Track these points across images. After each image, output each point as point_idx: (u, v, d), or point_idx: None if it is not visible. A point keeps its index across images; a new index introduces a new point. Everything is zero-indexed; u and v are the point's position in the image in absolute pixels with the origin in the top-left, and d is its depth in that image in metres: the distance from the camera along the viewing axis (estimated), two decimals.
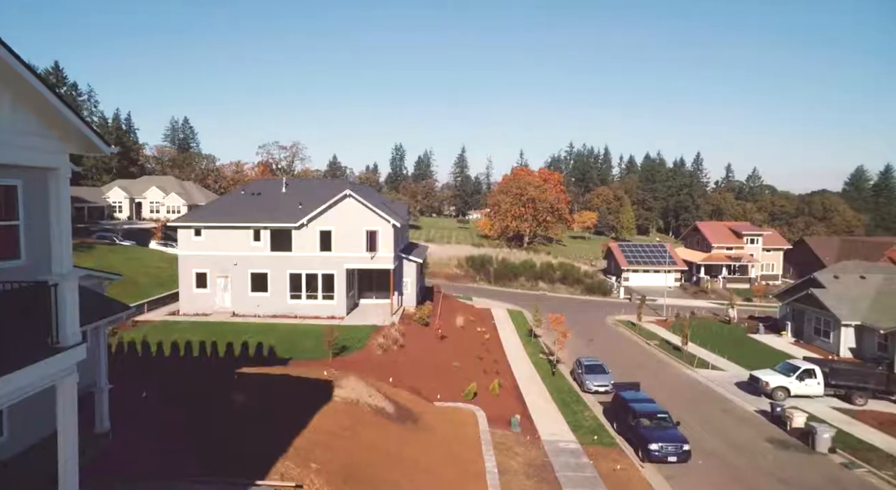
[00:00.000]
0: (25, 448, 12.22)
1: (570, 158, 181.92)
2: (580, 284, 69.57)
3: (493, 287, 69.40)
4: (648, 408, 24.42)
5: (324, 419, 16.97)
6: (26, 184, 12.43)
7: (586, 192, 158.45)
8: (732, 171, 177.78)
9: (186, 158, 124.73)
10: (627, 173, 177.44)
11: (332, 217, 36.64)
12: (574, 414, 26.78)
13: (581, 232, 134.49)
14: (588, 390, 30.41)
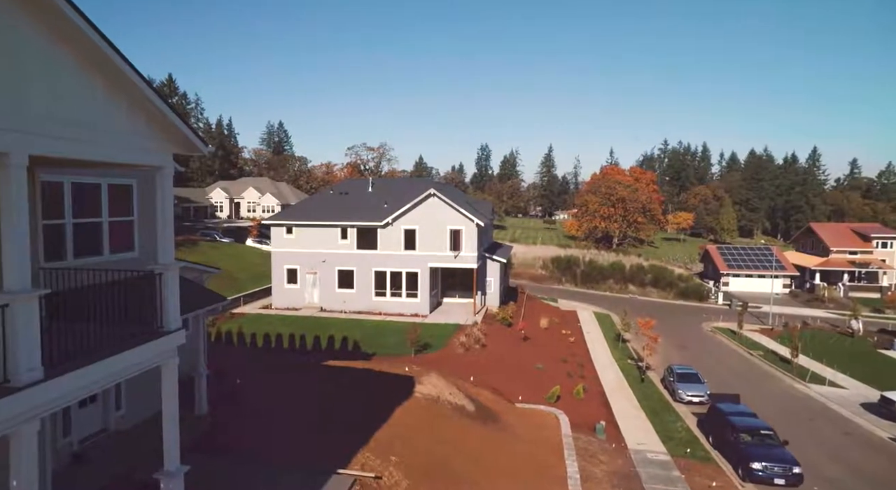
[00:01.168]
0: (139, 422, 13.54)
1: (665, 156, 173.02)
2: (673, 288, 66.04)
3: (580, 289, 67.64)
4: (750, 422, 22.65)
5: (404, 414, 17.32)
6: (139, 183, 13.77)
7: (682, 192, 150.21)
8: (859, 167, 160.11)
9: (281, 160, 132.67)
10: (728, 171, 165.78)
11: (417, 216, 37.36)
12: (664, 424, 25.44)
13: (675, 233, 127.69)
14: (680, 400, 28.77)
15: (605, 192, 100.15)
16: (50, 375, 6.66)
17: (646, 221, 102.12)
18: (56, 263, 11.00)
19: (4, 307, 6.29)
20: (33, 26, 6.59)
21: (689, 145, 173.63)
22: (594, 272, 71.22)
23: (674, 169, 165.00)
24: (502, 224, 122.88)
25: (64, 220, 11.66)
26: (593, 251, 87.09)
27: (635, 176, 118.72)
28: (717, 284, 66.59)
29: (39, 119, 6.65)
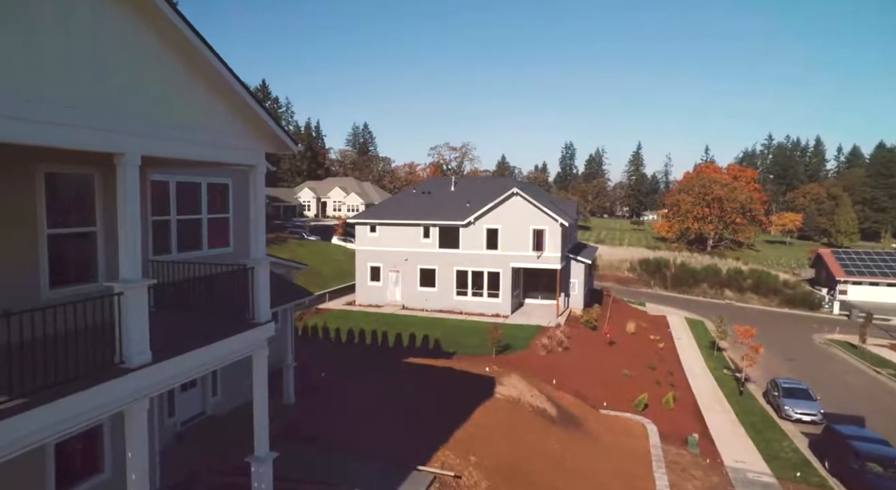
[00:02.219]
0: (232, 408, 14.50)
1: (769, 152, 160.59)
2: (778, 295, 61.17)
3: (670, 293, 64.45)
4: (880, 451, 20.14)
5: (484, 414, 17.28)
6: (234, 183, 14.72)
7: (788, 191, 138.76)
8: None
9: (365, 161, 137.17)
10: (848, 167, 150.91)
11: (499, 215, 37.20)
12: (768, 442, 23.60)
13: (779, 236, 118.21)
14: (787, 417, 26.52)
15: (699, 191, 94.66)
16: (157, 359, 7.23)
17: (745, 223, 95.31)
18: (162, 257, 12.01)
19: (119, 295, 6.90)
20: (150, 37, 7.20)
21: (799, 140, 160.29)
22: (686, 276, 67.58)
23: (779, 166, 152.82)
24: (587, 224, 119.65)
25: (169, 216, 12.70)
26: (685, 253, 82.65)
27: (733, 174, 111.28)
28: (831, 292, 60.83)
29: (151, 122, 7.25)
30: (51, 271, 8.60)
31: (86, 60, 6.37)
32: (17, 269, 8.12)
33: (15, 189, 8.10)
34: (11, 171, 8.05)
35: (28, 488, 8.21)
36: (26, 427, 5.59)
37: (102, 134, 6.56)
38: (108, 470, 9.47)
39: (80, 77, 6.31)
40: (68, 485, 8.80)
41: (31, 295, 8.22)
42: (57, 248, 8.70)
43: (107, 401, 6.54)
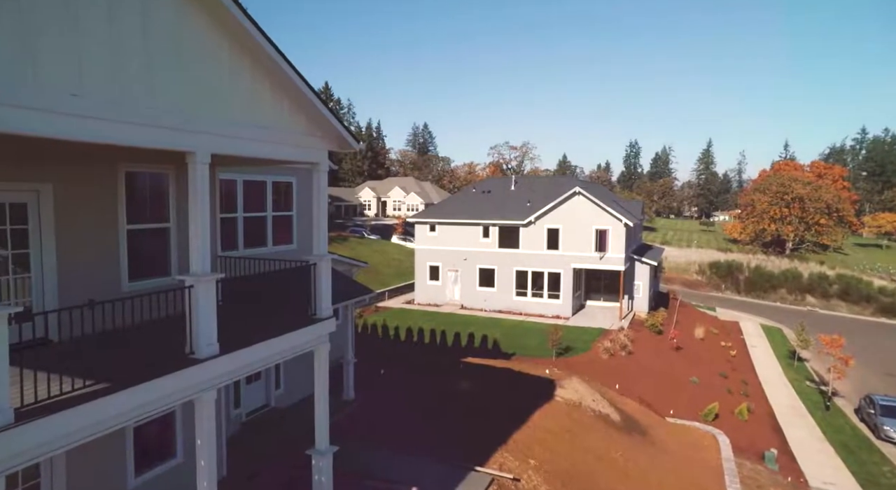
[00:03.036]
0: (294, 402, 14.95)
1: (861, 147, 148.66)
2: (872, 303, 56.64)
3: (743, 298, 61.24)
4: None
5: (544, 417, 16.98)
6: (298, 181, 15.15)
7: (886, 189, 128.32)
8: None
9: (425, 161, 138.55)
10: None
11: (560, 215, 36.59)
12: (863, 464, 21.82)
13: (874, 238, 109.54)
14: (887, 438, 24.26)
15: (777, 190, 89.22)
16: (224, 351, 7.53)
17: (831, 224, 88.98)
18: (229, 252, 12.52)
19: (190, 288, 7.23)
20: (221, 37, 7.50)
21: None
22: (761, 280, 63.95)
23: (874, 162, 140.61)
24: (652, 225, 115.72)
25: (236, 213, 13.22)
26: (760, 256, 78.24)
27: (817, 172, 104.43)
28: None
29: (220, 120, 7.55)
30: (129, 265, 9.14)
31: (163, 61, 6.70)
32: (101, 263, 8.67)
33: (100, 187, 8.66)
34: (98, 171, 8.62)
35: (111, 468, 8.76)
36: (108, 410, 5.94)
37: (177, 133, 6.88)
38: (180, 455, 9.97)
39: (159, 78, 6.64)
40: (145, 466, 9.34)
41: (112, 287, 8.76)
42: (134, 244, 9.23)
43: (178, 389, 6.86)
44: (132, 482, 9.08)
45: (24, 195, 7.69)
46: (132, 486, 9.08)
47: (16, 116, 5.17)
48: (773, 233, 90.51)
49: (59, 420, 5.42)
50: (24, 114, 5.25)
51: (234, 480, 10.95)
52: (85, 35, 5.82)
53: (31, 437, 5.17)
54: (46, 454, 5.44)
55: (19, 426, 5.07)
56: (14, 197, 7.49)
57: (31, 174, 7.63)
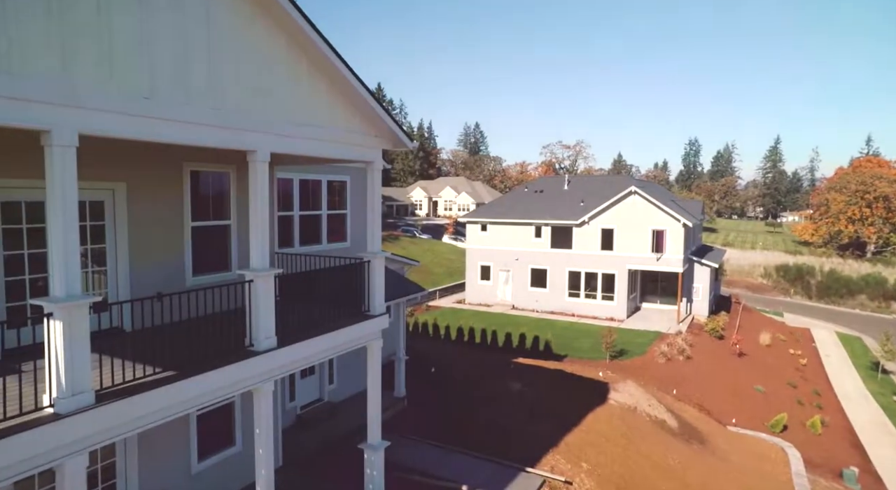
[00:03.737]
0: (346, 397, 15.31)
1: None
2: None
3: (815, 303, 58.00)
4: None
5: (597, 420, 16.69)
6: (352, 180, 15.50)
7: None
8: None
9: (476, 160, 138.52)
10: None
11: (615, 215, 35.86)
12: None
13: None
14: None
15: (857, 189, 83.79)
16: (281, 344, 7.82)
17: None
18: (286, 249, 12.96)
19: (250, 282, 7.55)
20: (280, 39, 7.80)
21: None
22: (837, 285, 60.25)
23: None
24: (712, 226, 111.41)
25: (292, 211, 13.66)
26: (835, 259, 73.92)
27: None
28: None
29: (279, 120, 7.85)
30: (193, 260, 9.62)
31: (225, 63, 7.03)
32: (168, 258, 9.18)
33: (168, 186, 9.17)
34: (165, 171, 9.12)
35: (177, 453, 9.26)
36: (176, 396, 6.29)
37: (239, 133, 7.21)
38: (239, 444, 10.41)
39: (222, 80, 6.98)
40: (207, 453, 9.82)
41: (177, 281, 9.26)
42: (198, 240, 9.71)
43: (239, 380, 7.18)
44: (196, 467, 9.56)
45: (102, 193, 8.24)
46: (196, 471, 9.56)
47: (98, 119, 5.56)
48: (851, 235, 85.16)
49: (134, 403, 5.79)
50: (104, 116, 5.63)
51: (289, 470, 11.32)
52: (155, 41, 6.19)
53: (109, 418, 5.55)
54: (122, 435, 5.83)
55: (100, 407, 5.46)
56: (93, 195, 8.03)
57: (107, 174, 8.16)
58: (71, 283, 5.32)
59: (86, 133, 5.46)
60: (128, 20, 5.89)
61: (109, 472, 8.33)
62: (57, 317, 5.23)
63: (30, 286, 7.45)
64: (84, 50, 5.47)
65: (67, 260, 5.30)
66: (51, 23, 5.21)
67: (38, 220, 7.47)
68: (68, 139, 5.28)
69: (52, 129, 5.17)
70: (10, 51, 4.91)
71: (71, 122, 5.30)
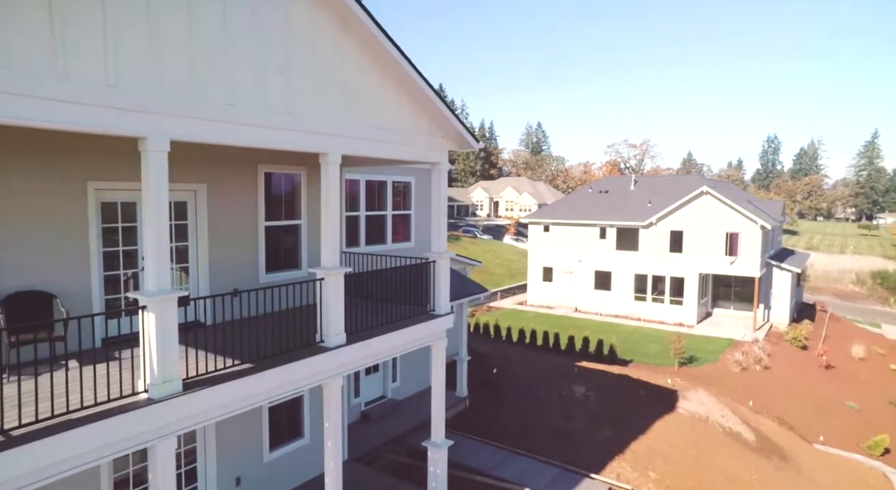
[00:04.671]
0: (409, 395, 15.63)
1: None
2: None
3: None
4: None
5: (665, 429, 16.22)
6: (416, 181, 15.80)
7: None
8: None
9: (538, 160, 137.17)
10: None
11: (685, 216, 34.63)
12: None
13: None
14: None
15: None
16: (350, 341, 8.12)
17: None
18: (352, 249, 13.38)
19: (321, 281, 7.89)
20: (350, 43, 8.12)
21: None
22: None
23: None
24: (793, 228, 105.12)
25: (359, 212, 14.08)
26: None
27: None
28: None
29: (350, 123, 8.17)
30: (266, 258, 10.13)
31: (300, 69, 7.40)
32: (243, 256, 9.72)
33: (243, 187, 9.71)
34: (241, 172, 9.67)
35: (250, 442, 9.80)
36: (252, 388, 6.68)
37: (312, 136, 7.56)
38: (307, 437, 10.88)
39: (296, 85, 7.35)
40: (278, 443, 10.33)
41: (251, 278, 9.79)
42: (270, 239, 10.23)
43: (310, 374, 7.53)
44: (267, 456, 10.08)
45: (185, 194, 8.85)
46: (267, 460, 10.08)
47: (187, 126, 6.02)
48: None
49: (216, 393, 6.21)
50: (193, 123, 6.08)
51: (354, 464, 11.70)
52: (238, 54, 6.61)
53: (194, 406, 5.99)
54: (205, 421, 6.26)
55: (186, 395, 5.90)
56: (178, 196, 8.64)
57: (191, 176, 8.75)
58: (162, 278, 5.77)
59: (176, 139, 5.91)
60: (214, 36, 6.32)
61: (191, 456, 8.94)
62: (150, 309, 5.69)
63: (122, 281, 8.11)
64: (176, 64, 5.93)
65: (159, 256, 5.75)
66: (150, 42, 5.69)
67: (131, 219, 8.13)
68: (161, 145, 5.73)
69: (148, 136, 5.63)
70: (116, 66, 5.39)
71: (164, 129, 5.76)
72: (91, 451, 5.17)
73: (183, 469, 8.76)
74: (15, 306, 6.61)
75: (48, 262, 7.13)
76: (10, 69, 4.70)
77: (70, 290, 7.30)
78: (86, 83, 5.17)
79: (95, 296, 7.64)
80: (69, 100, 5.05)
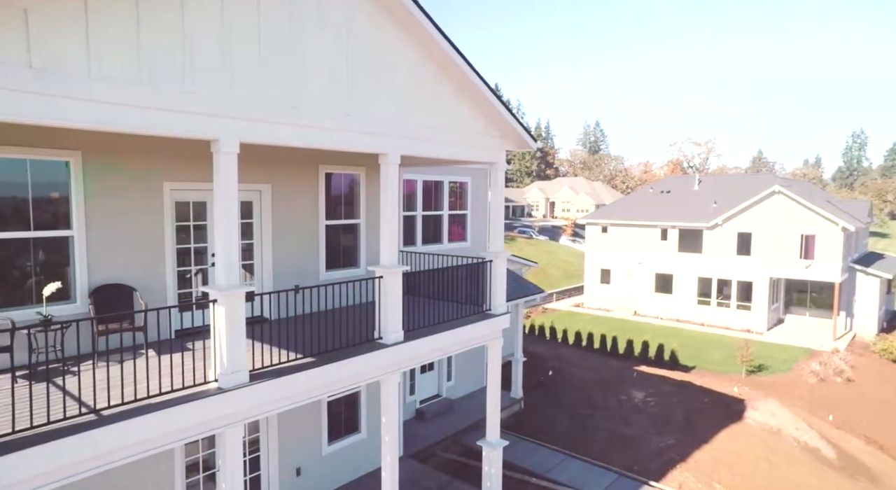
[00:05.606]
0: (463, 395, 15.77)
1: None
2: None
3: None
4: None
5: (731, 439, 15.63)
6: (472, 181, 15.92)
7: None
8: None
9: (596, 160, 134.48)
10: None
11: (754, 216, 33.17)
12: None
13: None
14: None
15: None
16: (407, 338, 8.32)
17: None
18: (409, 248, 13.64)
19: (380, 278, 8.11)
20: (409, 45, 8.32)
21: None
22: None
23: None
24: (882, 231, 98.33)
25: (415, 212, 14.33)
26: None
27: None
28: None
29: (408, 124, 8.36)
30: (326, 256, 10.49)
31: (362, 72, 7.65)
32: (304, 253, 10.11)
33: (305, 187, 10.10)
34: (303, 173, 10.07)
35: (310, 435, 10.18)
36: (313, 381, 6.96)
37: (373, 137, 7.80)
38: (364, 432, 11.18)
39: (358, 87, 7.60)
40: (336, 437, 10.69)
41: (312, 275, 10.16)
42: (330, 237, 10.58)
43: (368, 369, 7.76)
44: (325, 449, 10.44)
45: (251, 194, 9.30)
46: (325, 453, 10.44)
47: (255, 129, 6.36)
48: None
49: (280, 384, 6.52)
50: (260, 126, 6.42)
51: (409, 460, 11.92)
52: (303, 59, 6.91)
53: (260, 396, 6.31)
54: (270, 412, 6.59)
55: (253, 385, 6.23)
56: (244, 196, 9.10)
57: (257, 176, 9.20)
58: (231, 273, 6.12)
59: (245, 141, 6.25)
60: (280, 41, 6.64)
61: (254, 445, 9.39)
62: (220, 303, 6.05)
63: (191, 276, 8.62)
64: (244, 69, 6.28)
65: (229, 253, 6.11)
66: (222, 49, 6.06)
67: (201, 218, 8.63)
68: (232, 146, 6.08)
69: (220, 138, 5.99)
70: (192, 73, 5.78)
71: (234, 132, 6.11)
72: (168, 434, 5.56)
73: (247, 457, 9.21)
74: (102, 298, 7.17)
75: (130, 258, 7.68)
76: (102, 80, 5.12)
77: (148, 284, 7.83)
78: (166, 90, 5.56)
79: (170, 290, 8.16)
80: (153, 106, 5.45)
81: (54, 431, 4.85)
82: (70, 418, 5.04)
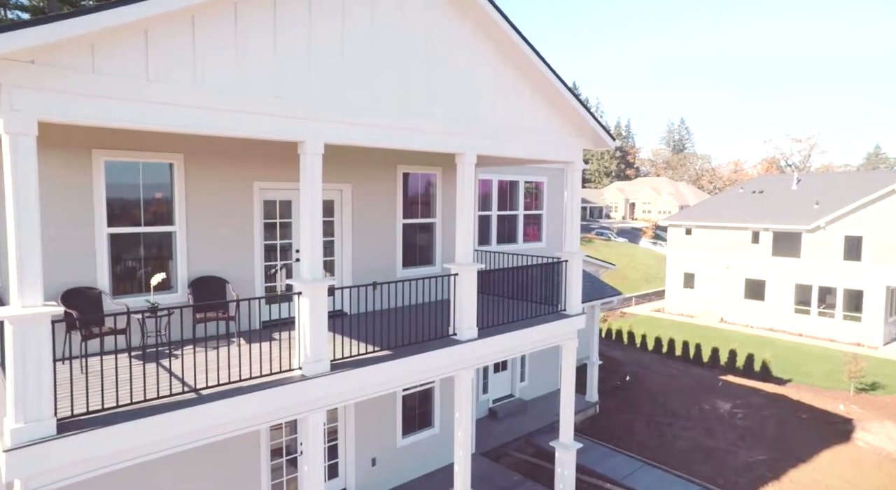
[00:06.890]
0: (536, 396, 15.74)
1: None
2: None
3: None
4: None
5: (837, 461, 14.58)
6: (548, 181, 15.85)
7: None
8: None
9: (680, 159, 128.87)
10: None
11: (867, 218, 30.62)
12: None
13: None
14: None
15: None
16: (482, 336, 8.48)
17: None
18: (484, 247, 13.79)
19: (455, 276, 8.32)
20: (487, 46, 8.48)
21: None
22: None
23: None
24: None
25: (491, 211, 14.47)
26: None
27: None
28: None
29: (485, 123, 8.52)
30: (403, 254, 10.85)
31: (439, 73, 7.88)
32: (382, 251, 10.50)
33: (383, 187, 10.50)
34: (381, 173, 10.46)
35: (385, 426, 10.57)
36: (389, 374, 7.26)
37: (449, 137, 8.02)
38: (437, 427, 11.44)
39: (435, 89, 7.84)
40: (409, 431, 11.02)
41: (389, 272, 10.54)
42: (407, 236, 10.93)
43: (443, 365, 7.98)
44: (399, 442, 10.79)
45: (333, 193, 9.79)
46: (399, 445, 10.79)
47: (337, 130, 6.73)
48: None
49: (359, 375, 6.87)
50: (342, 127, 6.79)
51: (481, 458, 12.06)
52: (381, 62, 7.22)
53: (340, 385, 6.69)
54: (349, 401, 6.95)
55: (334, 374, 6.61)
56: (326, 195, 9.60)
57: (338, 176, 9.67)
58: (315, 267, 6.52)
59: (329, 142, 6.64)
60: (362, 45, 6.99)
61: (333, 434, 9.88)
62: (305, 295, 6.46)
63: (276, 271, 9.20)
64: (329, 73, 6.67)
65: (313, 248, 6.51)
66: (309, 55, 6.48)
67: (286, 215, 9.20)
68: (317, 148, 6.49)
69: (306, 140, 6.41)
70: (282, 79, 6.23)
71: (320, 134, 6.51)
72: (257, 415, 6.02)
73: (326, 445, 9.70)
74: (199, 289, 7.84)
75: (223, 252, 8.33)
76: (205, 86, 5.64)
77: (238, 277, 8.46)
78: (260, 95, 6.03)
79: (258, 283, 8.76)
80: (248, 111, 5.93)
81: (162, 405, 5.41)
82: (175, 395, 5.60)
